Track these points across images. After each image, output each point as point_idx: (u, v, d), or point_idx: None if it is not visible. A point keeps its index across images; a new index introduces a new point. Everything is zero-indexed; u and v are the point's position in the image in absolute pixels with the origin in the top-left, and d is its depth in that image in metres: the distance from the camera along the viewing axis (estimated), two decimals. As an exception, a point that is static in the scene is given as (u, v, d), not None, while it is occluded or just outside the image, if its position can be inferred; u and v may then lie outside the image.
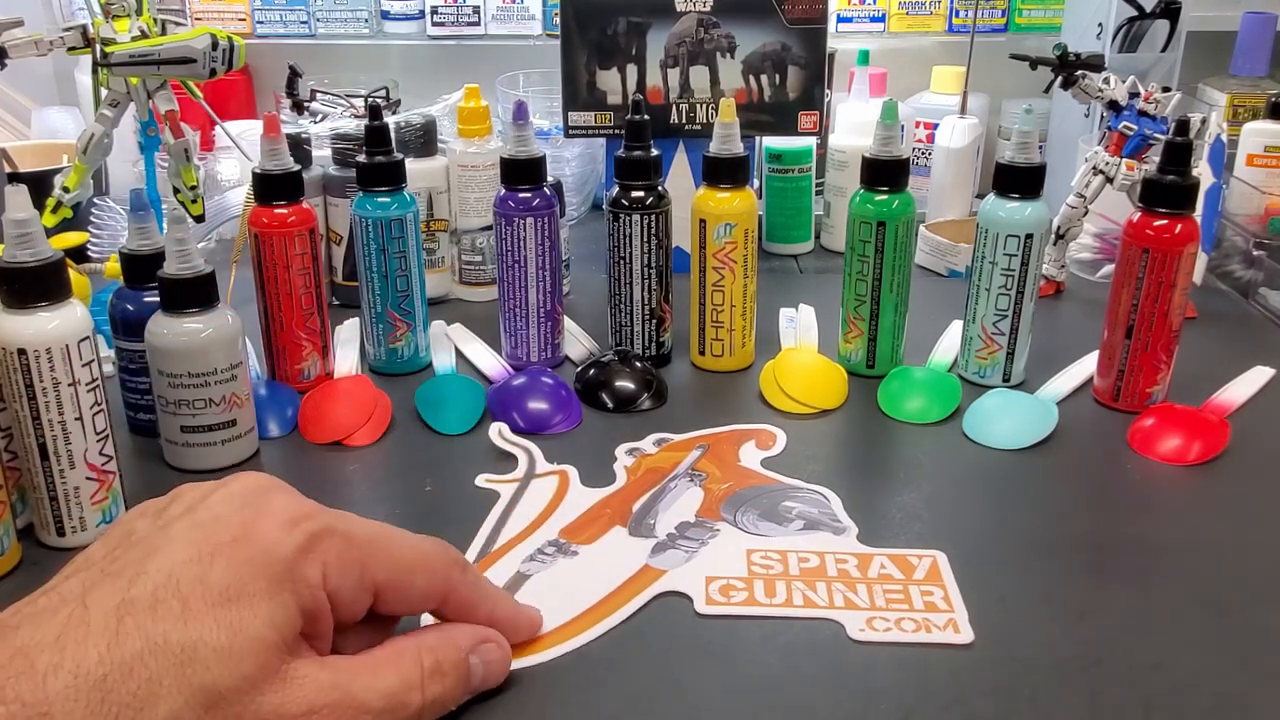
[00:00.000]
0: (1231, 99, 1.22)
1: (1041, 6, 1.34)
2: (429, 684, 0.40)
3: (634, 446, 0.68)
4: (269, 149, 0.72)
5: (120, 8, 0.74)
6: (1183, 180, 0.68)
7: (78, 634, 0.34)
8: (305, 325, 0.74)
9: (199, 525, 0.38)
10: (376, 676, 0.39)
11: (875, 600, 0.52)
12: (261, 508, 0.39)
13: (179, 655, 0.34)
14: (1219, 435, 0.68)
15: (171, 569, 0.36)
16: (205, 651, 0.34)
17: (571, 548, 0.56)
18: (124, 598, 0.35)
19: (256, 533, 0.38)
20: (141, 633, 0.34)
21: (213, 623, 0.35)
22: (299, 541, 0.38)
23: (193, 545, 0.37)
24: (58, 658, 0.33)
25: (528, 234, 0.76)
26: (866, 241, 0.75)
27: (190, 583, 0.36)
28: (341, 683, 0.38)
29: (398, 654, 0.40)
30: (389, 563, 0.41)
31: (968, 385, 0.76)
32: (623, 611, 0.51)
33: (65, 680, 0.32)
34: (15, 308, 0.53)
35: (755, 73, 0.96)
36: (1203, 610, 0.52)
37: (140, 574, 0.36)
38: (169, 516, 0.39)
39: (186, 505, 0.40)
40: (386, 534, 0.42)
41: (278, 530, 0.38)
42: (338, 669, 0.38)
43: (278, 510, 0.39)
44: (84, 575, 0.37)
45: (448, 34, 1.36)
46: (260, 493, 0.40)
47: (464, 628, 0.44)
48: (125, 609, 0.34)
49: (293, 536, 0.38)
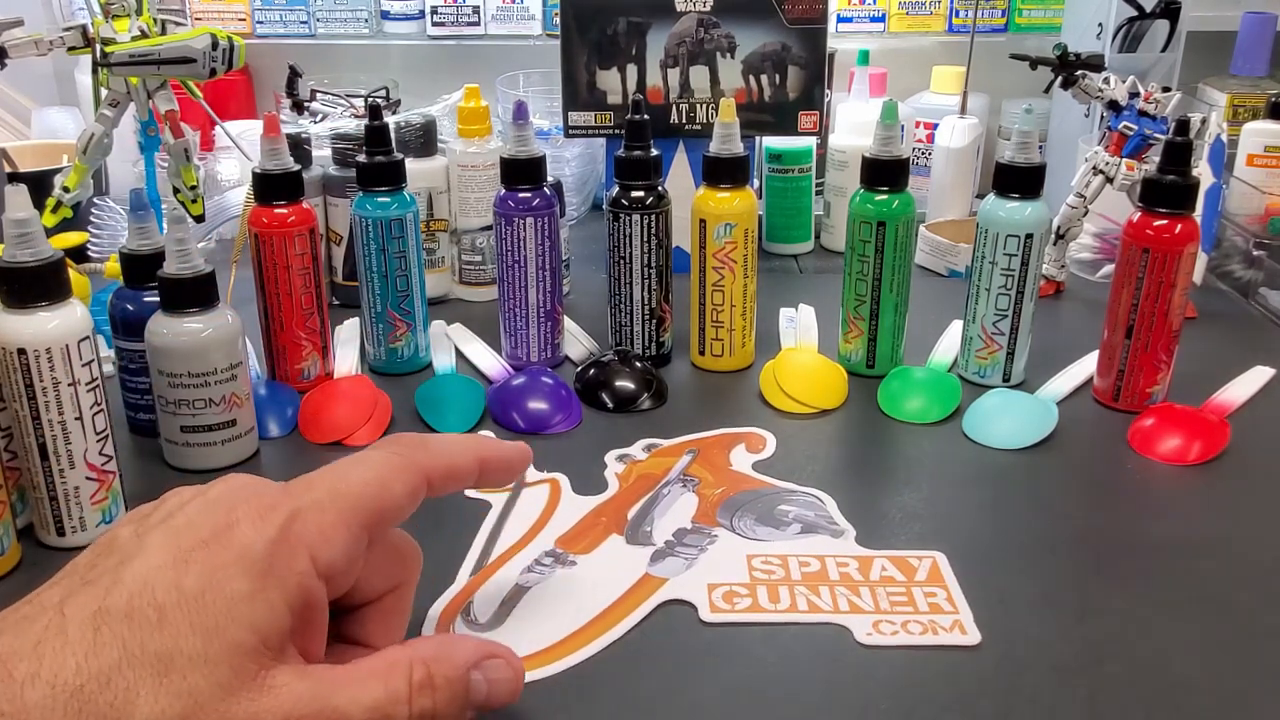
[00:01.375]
0: (1231, 99, 1.22)
1: (1041, 6, 1.34)
2: (417, 698, 0.39)
3: (624, 453, 0.67)
4: (269, 149, 0.72)
5: (120, 8, 0.74)
6: (1183, 180, 0.68)
7: (55, 643, 0.33)
8: (305, 325, 0.74)
9: (174, 531, 0.37)
10: (360, 688, 0.38)
11: (880, 603, 0.52)
12: (234, 510, 0.38)
13: (155, 664, 0.34)
14: (1219, 435, 0.68)
15: (146, 576, 0.35)
16: (181, 659, 0.34)
17: (569, 558, 0.56)
18: (100, 606, 0.34)
19: (230, 534, 0.37)
20: (118, 642, 0.34)
21: (188, 629, 0.34)
22: (271, 535, 0.37)
23: (167, 551, 0.36)
24: (35, 667, 0.33)
25: (528, 234, 0.76)
26: (866, 241, 0.75)
27: (165, 589, 0.35)
28: (322, 694, 0.37)
29: (387, 665, 0.39)
30: (359, 500, 0.40)
31: (968, 385, 0.76)
32: (626, 622, 0.50)
33: (42, 690, 0.32)
34: (15, 307, 0.53)
35: (755, 73, 0.96)
36: (1203, 610, 0.52)
37: (116, 582, 0.35)
38: (149, 524, 0.39)
39: (166, 512, 0.39)
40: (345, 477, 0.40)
41: (249, 528, 0.37)
42: (319, 679, 0.37)
43: (248, 509, 0.38)
44: (65, 583, 0.36)
45: (448, 34, 1.35)
46: (235, 494, 0.39)
47: (467, 641, 0.42)
48: (101, 618, 0.34)
49: (264, 530, 0.37)
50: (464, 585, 0.53)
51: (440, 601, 0.52)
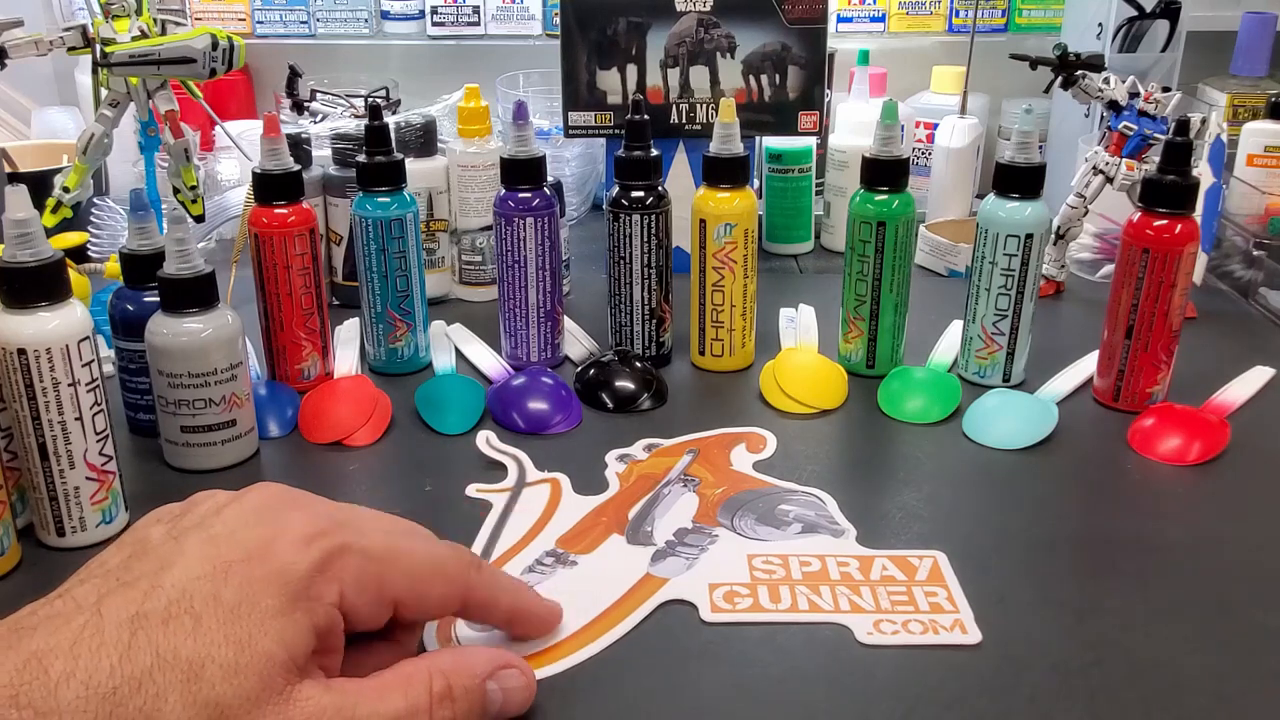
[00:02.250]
0: (1231, 99, 1.22)
1: (1041, 6, 1.34)
2: (437, 709, 0.40)
3: (624, 453, 0.67)
4: (269, 149, 0.72)
5: (120, 8, 0.74)
6: (1183, 180, 0.68)
7: (92, 644, 0.34)
8: (305, 325, 0.74)
9: (214, 540, 0.38)
10: (382, 700, 0.38)
11: (880, 603, 0.52)
12: (278, 524, 0.39)
13: (186, 670, 0.34)
14: (1219, 435, 0.68)
15: (186, 584, 0.36)
16: (212, 668, 0.34)
17: (570, 557, 0.56)
18: (138, 610, 0.35)
19: (271, 551, 0.38)
20: (153, 647, 0.34)
21: (222, 639, 0.35)
22: (314, 560, 0.38)
23: (207, 561, 0.37)
24: (71, 666, 0.33)
25: (528, 234, 0.76)
26: (866, 241, 0.75)
27: (204, 599, 0.36)
28: (346, 706, 0.37)
29: (406, 678, 0.40)
30: (405, 574, 0.41)
31: (968, 385, 0.76)
32: (628, 622, 0.50)
33: (77, 690, 0.33)
34: (15, 307, 0.53)
35: (755, 73, 0.96)
36: (1203, 610, 0.52)
37: (155, 587, 0.36)
38: (182, 527, 0.39)
39: (200, 517, 0.40)
40: (402, 545, 0.42)
41: (293, 549, 0.38)
42: (344, 692, 0.38)
43: (294, 527, 0.39)
44: (98, 582, 0.37)
45: (448, 34, 1.36)
46: (277, 508, 0.40)
47: (482, 652, 0.43)
48: (139, 622, 0.35)
49: (308, 555, 0.38)
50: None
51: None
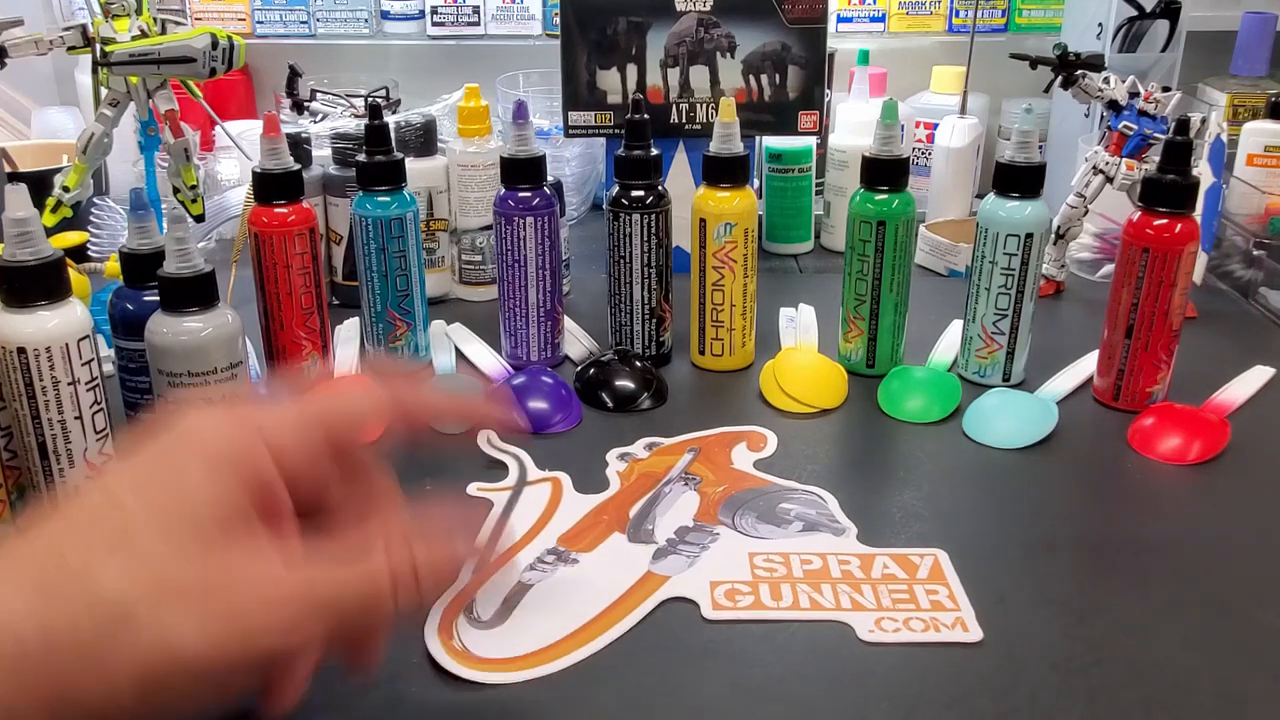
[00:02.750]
0: (1231, 99, 1.22)
1: (1041, 6, 1.34)
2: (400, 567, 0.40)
3: (625, 451, 0.67)
4: (269, 149, 0.72)
5: (120, 7, 0.74)
6: (1183, 180, 0.68)
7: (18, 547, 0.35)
8: (305, 325, 0.74)
9: (134, 455, 0.39)
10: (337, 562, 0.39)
11: (881, 601, 0.52)
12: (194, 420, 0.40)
13: (113, 539, 0.35)
14: (1219, 435, 0.68)
15: (105, 484, 0.38)
16: (142, 534, 0.35)
17: (571, 555, 0.56)
18: (65, 523, 0.36)
19: (188, 439, 0.39)
20: (76, 530, 0.36)
21: (142, 511, 0.36)
22: (227, 432, 0.39)
23: (126, 468, 0.38)
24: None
25: (528, 234, 0.76)
26: (866, 241, 0.75)
27: (123, 488, 0.37)
28: (291, 559, 0.38)
29: (363, 543, 0.40)
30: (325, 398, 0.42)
31: (968, 385, 0.76)
32: (629, 619, 0.50)
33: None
34: (15, 306, 0.53)
35: (755, 72, 0.96)
36: (1203, 610, 0.52)
37: (74, 501, 0.37)
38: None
39: None
40: (308, 400, 0.43)
41: (209, 433, 0.39)
42: (288, 549, 0.38)
43: (208, 418, 0.40)
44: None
45: (448, 34, 1.35)
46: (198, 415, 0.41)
47: None
48: (58, 521, 0.36)
49: (222, 429, 0.39)
50: (467, 583, 0.53)
51: (443, 599, 0.52)
